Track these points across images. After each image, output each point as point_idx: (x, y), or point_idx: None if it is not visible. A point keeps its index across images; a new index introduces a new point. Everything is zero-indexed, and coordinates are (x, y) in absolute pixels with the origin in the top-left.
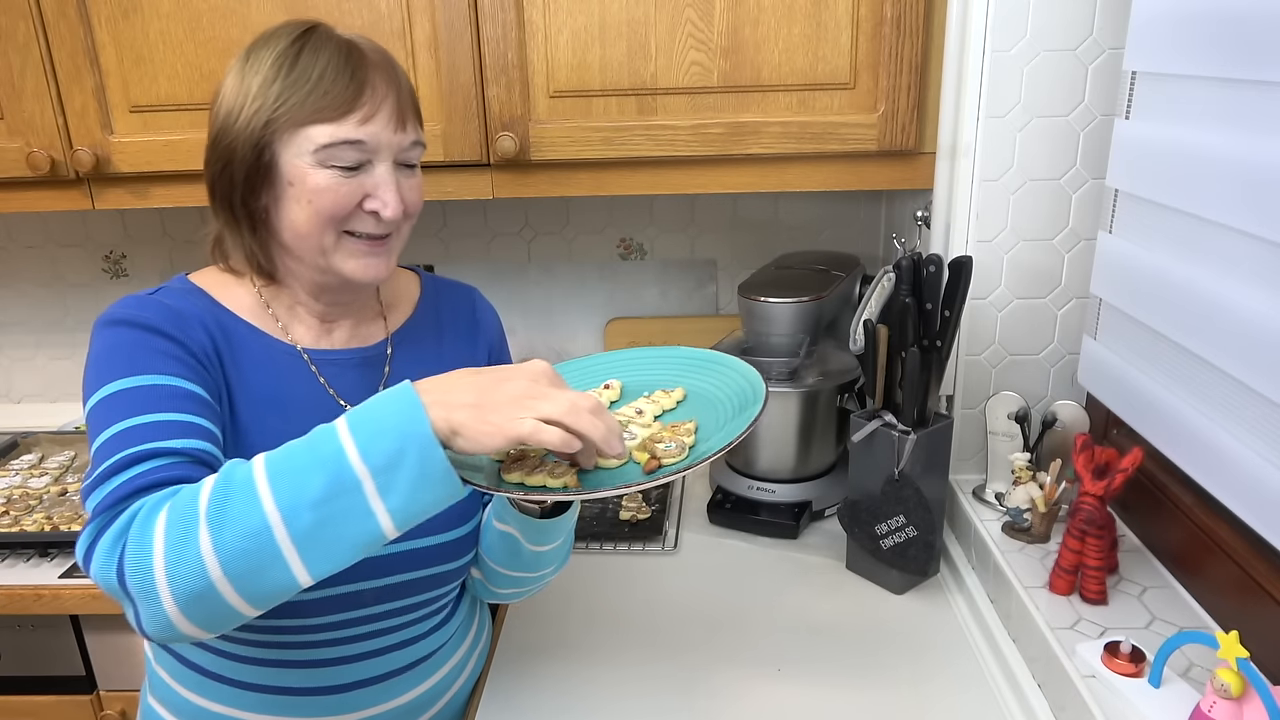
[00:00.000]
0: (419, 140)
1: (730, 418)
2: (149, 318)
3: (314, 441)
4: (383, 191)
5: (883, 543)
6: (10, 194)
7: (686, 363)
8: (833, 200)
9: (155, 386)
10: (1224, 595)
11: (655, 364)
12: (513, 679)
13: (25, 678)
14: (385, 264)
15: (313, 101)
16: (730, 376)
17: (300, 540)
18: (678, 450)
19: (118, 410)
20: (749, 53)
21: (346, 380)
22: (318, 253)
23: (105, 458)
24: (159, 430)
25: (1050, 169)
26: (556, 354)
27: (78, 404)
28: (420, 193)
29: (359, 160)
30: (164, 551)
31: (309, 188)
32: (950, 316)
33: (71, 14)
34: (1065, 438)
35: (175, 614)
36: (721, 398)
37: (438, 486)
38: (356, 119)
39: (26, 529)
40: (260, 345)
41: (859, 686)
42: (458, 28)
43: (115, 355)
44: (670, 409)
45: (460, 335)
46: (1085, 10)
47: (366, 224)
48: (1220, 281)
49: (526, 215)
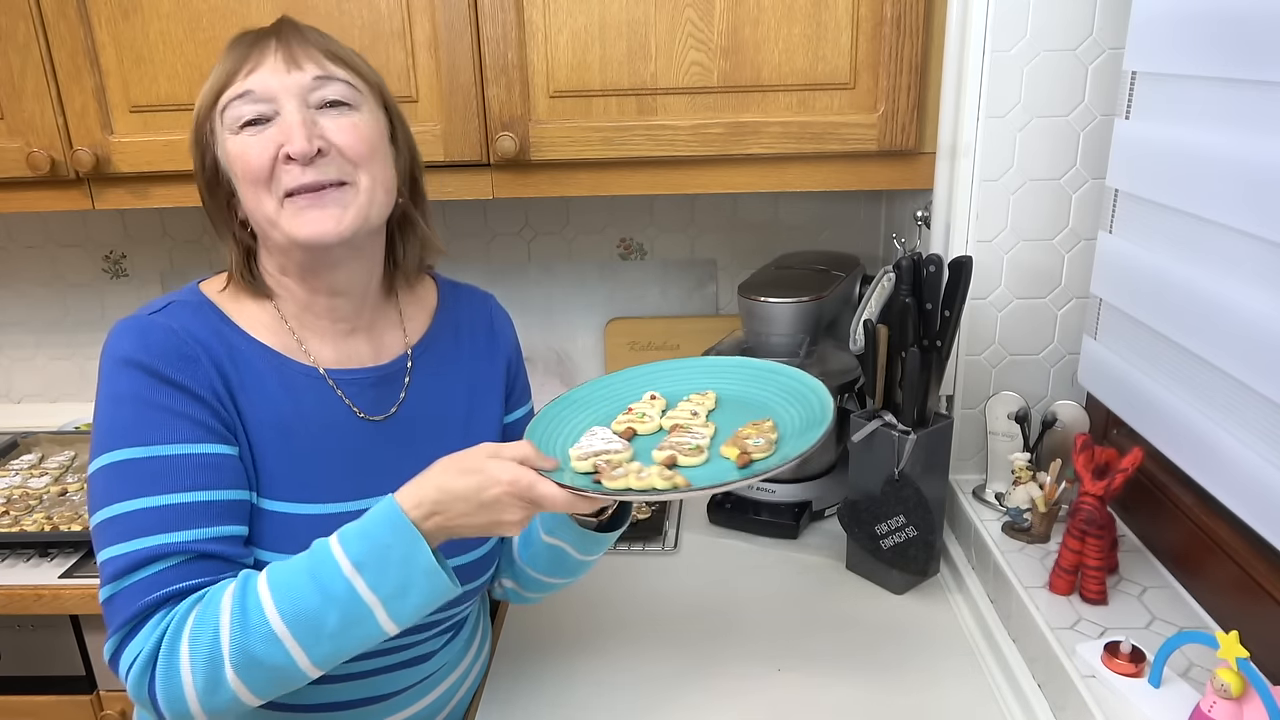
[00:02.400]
0: (331, 75)
1: (781, 411)
2: (156, 361)
3: (320, 578)
4: (286, 133)
5: (883, 543)
6: (10, 194)
7: (711, 370)
8: (833, 200)
9: (162, 459)
10: (1224, 595)
11: (676, 374)
12: (512, 679)
13: (25, 678)
14: (335, 218)
15: (211, 83)
16: (766, 378)
17: (319, 661)
18: (766, 446)
19: (122, 486)
20: (749, 53)
21: (368, 397)
22: (269, 224)
23: (111, 541)
24: (164, 520)
25: (1050, 169)
26: (557, 354)
27: (78, 404)
28: (358, 131)
29: (259, 113)
30: (196, 693)
31: (233, 156)
32: (950, 316)
33: (71, 14)
34: (1065, 438)
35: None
36: (754, 396)
37: (442, 596)
38: (243, 74)
39: (26, 529)
40: (276, 369)
41: (859, 686)
42: (458, 28)
43: (121, 412)
44: (712, 409)
45: (479, 347)
46: (1085, 10)
47: (292, 175)
48: (1220, 281)
49: (526, 215)
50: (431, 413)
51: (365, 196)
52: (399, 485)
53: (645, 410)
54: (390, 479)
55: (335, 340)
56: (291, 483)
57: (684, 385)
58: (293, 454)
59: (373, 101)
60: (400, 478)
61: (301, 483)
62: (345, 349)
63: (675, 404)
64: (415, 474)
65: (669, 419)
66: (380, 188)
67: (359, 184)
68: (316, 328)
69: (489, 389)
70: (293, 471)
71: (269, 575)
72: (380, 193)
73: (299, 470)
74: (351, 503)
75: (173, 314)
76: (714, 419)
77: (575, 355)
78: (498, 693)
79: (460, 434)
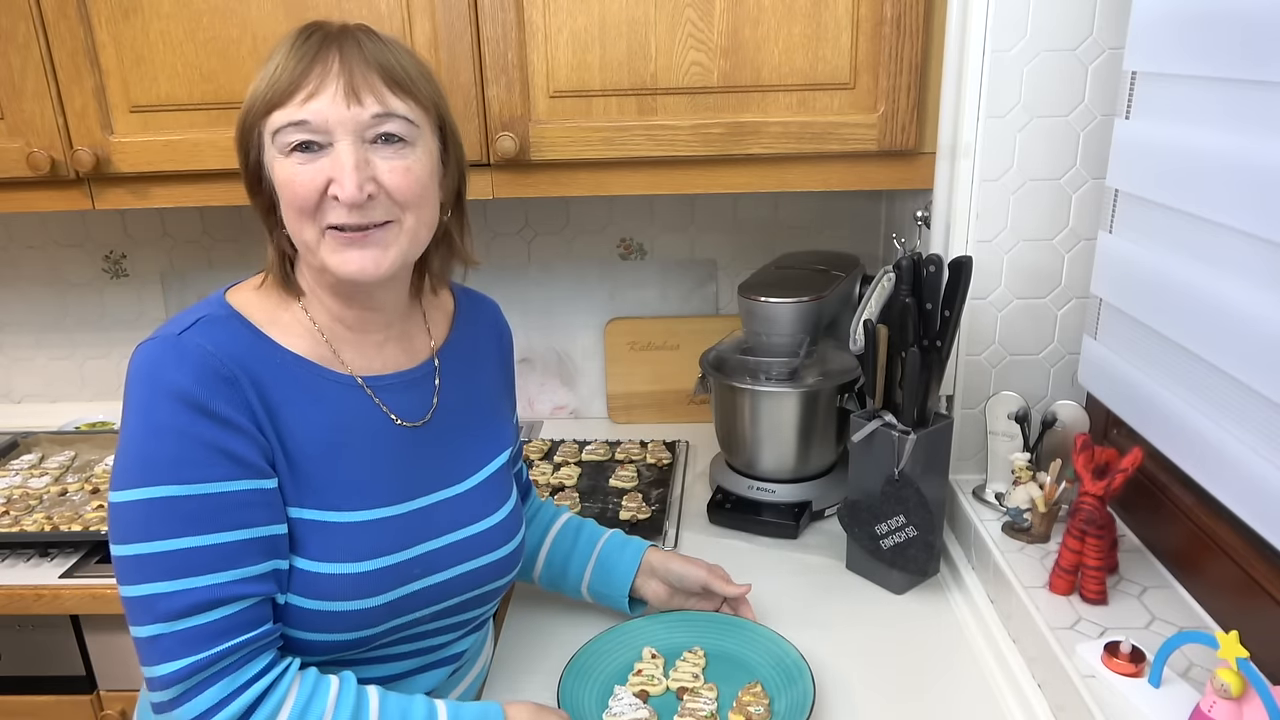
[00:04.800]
0: (391, 112)
1: (761, 669)
2: (196, 389)
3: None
4: (338, 172)
5: (883, 543)
6: (10, 194)
7: (703, 625)
8: (833, 200)
9: (205, 498)
10: (1224, 595)
11: (672, 626)
12: (512, 680)
13: (25, 678)
14: (374, 259)
15: (266, 90)
16: (737, 634)
17: None
18: (765, 713)
19: (163, 524)
20: (749, 53)
21: (402, 401)
22: (308, 250)
23: (152, 578)
24: (210, 560)
25: (1050, 169)
26: (557, 354)
27: (78, 404)
28: (410, 175)
29: (310, 141)
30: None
31: (280, 180)
32: (950, 316)
33: (71, 14)
34: (1065, 438)
35: None
36: (733, 651)
37: None
38: (300, 98)
39: (26, 529)
40: (314, 381)
41: (859, 687)
42: (458, 28)
43: (162, 446)
44: (704, 666)
45: (490, 354)
46: (1085, 10)
47: (338, 213)
48: (1220, 281)
49: (526, 215)
50: (461, 414)
51: (408, 238)
52: (440, 485)
53: (652, 672)
54: (431, 480)
55: (368, 349)
56: (337, 492)
57: (677, 638)
58: (337, 464)
59: (429, 128)
60: (440, 478)
61: (347, 492)
62: (379, 357)
63: (672, 661)
64: (454, 473)
65: (674, 681)
66: (424, 227)
67: (404, 224)
68: (349, 337)
69: (503, 392)
70: (337, 481)
71: (381, 701)
72: (424, 232)
73: (343, 479)
74: (397, 507)
75: (205, 332)
76: (708, 677)
77: (575, 355)
78: (497, 693)
79: (487, 434)
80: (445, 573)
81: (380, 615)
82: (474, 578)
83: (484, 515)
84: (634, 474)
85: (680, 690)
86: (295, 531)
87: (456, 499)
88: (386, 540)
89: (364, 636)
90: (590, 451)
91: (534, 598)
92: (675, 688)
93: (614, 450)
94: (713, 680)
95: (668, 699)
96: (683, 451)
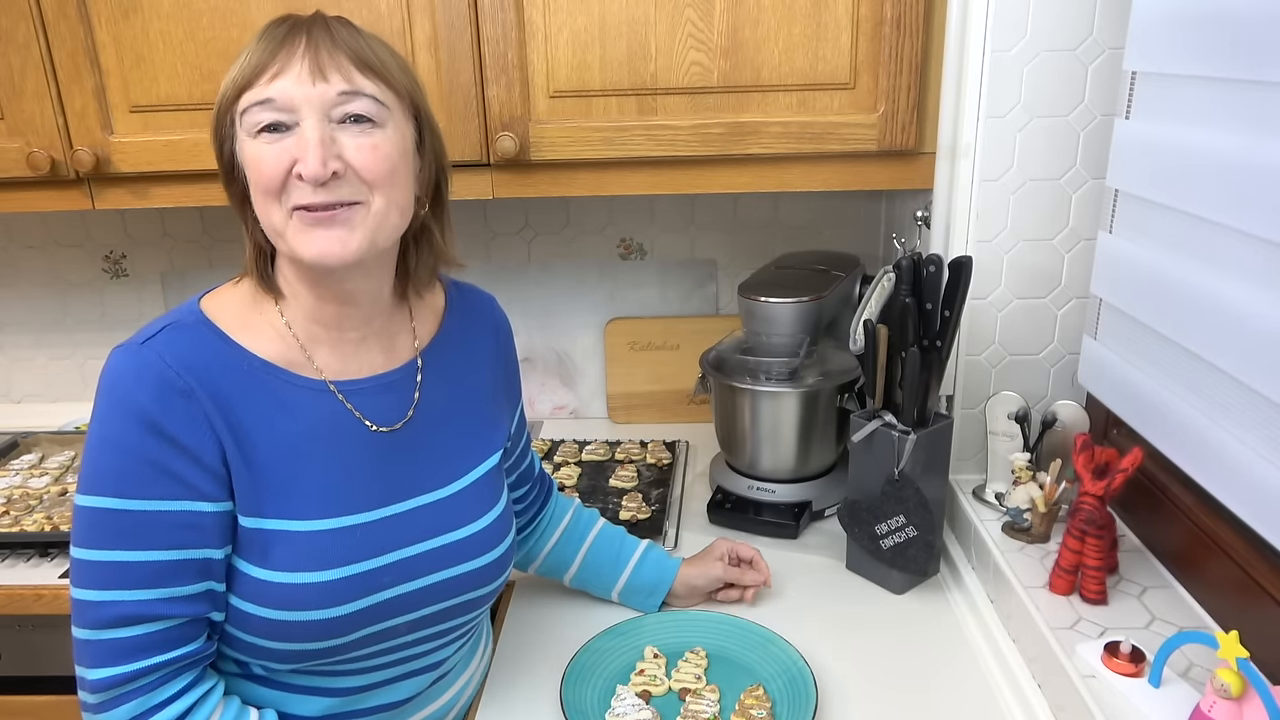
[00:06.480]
0: (358, 90)
1: (762, 671)
2: (148, 404)
3: None
4: (301, 150)
5: (883, 543)
6: (10, 194)
7: (707, 625)
8: (833, 200)
9: (141, 515)
10: (1224, 595)
11: (676, 626)
12: (511, 679)
13: (25, 678)
14: (340, 239)
15: (236, 75)
16: (738, 635)
17: None
18: (768, 716)
19: (98, 534)
20: (749, 53)
21: (377, 405)
22: (277, 235)
23: (85, 584)
24: (137, 576)
25: (1050, 169)
26: (557, 354)
27: (78, 404)
28: (378, 152)
29: (277, 122)
30: None
31: (248, 161)
32: (950, 316)
33: (71, 14)
34: (1065, 438)
35: None
36: (734, 653)
37: None
38: (266, 78)
39: (26, 529)
40: (281, 387)
41: (858, 687)
42: (458, 28)
43: (106, 457)
44: (705, 667)
45: (484, 352)
46: (1085, 10)
47: (303, 193)
48: (1220, 281)
49: (526, 215)
50: (446, 416)
51: (375, 220)
52: (419, 491)
53: (655, 673)
54: (408, 485)
55: (345, 350)
56: (301, 501)
57: (680, 637)
58: (302, 472)
59: (401, 113)
60: (419, 483)
61: (312, 500)
62: (355, 358)
63: (674, 661)
64: (435, 478)
65: (676, 681)
66: (394, 210)
67: (371, 205)
68: (325, 338)
69: (496, 392)
70: (302, 489)
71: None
72: (394, 215)
73: (309, 487)
74: (366, 514)
75: (169, 341)
76: (709, 678)
77: (575, 355)
78: (497, 693)
79: (475, 437)
80: (420, 580)
81: (349, 624)
82: (453, 585)
83: (467, 521)
84: (634, 474)
85: (682, 691)
86: (259, 541)
87: (438, 504)
88: (354, 548)
89: (333, 645)
90: (590, 451)
91: (534, 598)
92: (677, 689)
93: (614, 450)
94: (714, 681)
95: (670, 700)
96: (683, 451)
